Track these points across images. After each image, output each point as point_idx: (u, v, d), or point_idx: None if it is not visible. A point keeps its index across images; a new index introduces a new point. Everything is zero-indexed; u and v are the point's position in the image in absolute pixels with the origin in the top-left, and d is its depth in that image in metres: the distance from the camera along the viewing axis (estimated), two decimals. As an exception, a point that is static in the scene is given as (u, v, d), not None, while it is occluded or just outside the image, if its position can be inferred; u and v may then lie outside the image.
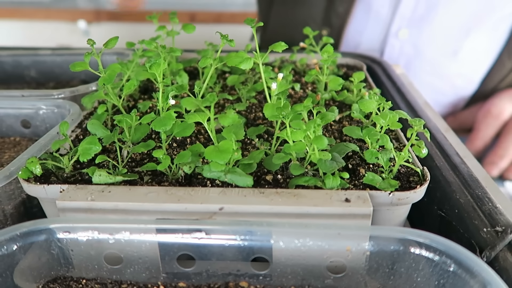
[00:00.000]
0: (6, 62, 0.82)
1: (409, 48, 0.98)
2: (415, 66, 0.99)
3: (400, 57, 0.99)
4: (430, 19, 0.94)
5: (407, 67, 0.99)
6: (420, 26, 0.95)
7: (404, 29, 0.96)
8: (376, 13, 0.97)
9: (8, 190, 0.44)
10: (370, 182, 0.40)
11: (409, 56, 0.99)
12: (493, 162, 0.88)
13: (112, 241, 0.36)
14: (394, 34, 0.97)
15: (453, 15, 0.94)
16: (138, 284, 0.38)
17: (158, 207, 0.38)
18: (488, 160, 0.89)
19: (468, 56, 0.98)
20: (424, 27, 0.95)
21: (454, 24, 0.95)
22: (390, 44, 0.99)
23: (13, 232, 0.35)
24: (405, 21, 0.96)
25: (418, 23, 0.95)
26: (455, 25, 0.95)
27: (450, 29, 0.95)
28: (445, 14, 0.93)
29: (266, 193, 0.39)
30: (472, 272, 0.32)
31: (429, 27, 0.95)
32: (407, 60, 0.99)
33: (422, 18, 0.95)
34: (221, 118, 0.44)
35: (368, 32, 1.00)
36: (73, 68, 0.47)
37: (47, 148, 0.47)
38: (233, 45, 0.47)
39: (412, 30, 0.96)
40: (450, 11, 0.93)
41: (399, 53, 0.99)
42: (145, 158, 0.47)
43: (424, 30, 0.96)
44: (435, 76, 1.00)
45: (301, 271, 0.37)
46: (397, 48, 0.99)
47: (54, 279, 0.38)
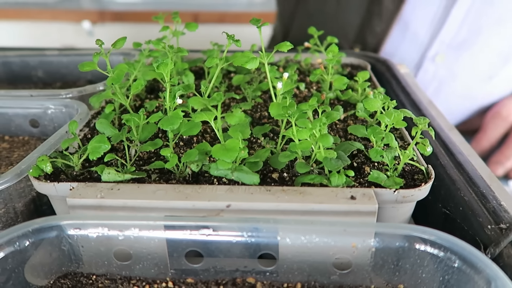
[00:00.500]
0: (13, 63, 0.83)
1: (443, 72, 0.95)
2: (446, 89, 0.97)
3: (433, 81, 0.96)
4: (470, 45, 0.91)
5: (437, 89, 0.97)
6: (458, 52, 0.92)
7: (442, 54, 0.93)
8: (414, 34, 0.93)
9: (19, 188, 0.44)
10: (375, 180, 0.41)
11: (441, 80, 0.96)
12: (499, 161, 0.88)
13: (122, 238, 0.37)
14: (431, 58, 0.94)
15: (493, 42, 0.91)
16: (147, 280, 0.38)
17: (166, 204, 0.38)
18: (494, 159, 0.89)
19: (503, 81, 0.96)
20: (462, 53, 0.92)
21: (493, 51, 0.92)
22: (425, 68, 0.95)
23: (26, 229, 0.36)
24: (444, 45, 0.92)
25: (457, 48, 0.92)
26: (494, 52, 0.92)
27: (489, 56, 0.93)
28: (485, 41, 0.91)
29: (272, 191, 0.39)
30: (477, 268, 0.32)
31: (467, 53, 0.92)
32: (439, 83, 0.97)
33: (462, 44, 0.91)
34: (228, 117, 0.45)
35: (401, 53, 0.96)
36: (82, 68, 0.48)
37: (56, 147, 0.48)
38: (239, 45, 0.48)
39: (449, 55, 0.93)
40: (491, 38, 0.90)
41: (432, 77, 0.96)
42: (153, 157, 0.47)
43: (461, 56, 0.93)
44: (465, 98, 0.98)
45: (307, 268, 0.37)
46: (431, 72, 0.96)
47: (64, 275, 0.39)
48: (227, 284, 0.38)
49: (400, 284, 0.37)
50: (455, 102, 0.99)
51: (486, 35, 0.90)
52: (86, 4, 2.32)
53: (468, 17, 0.88)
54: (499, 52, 0.92)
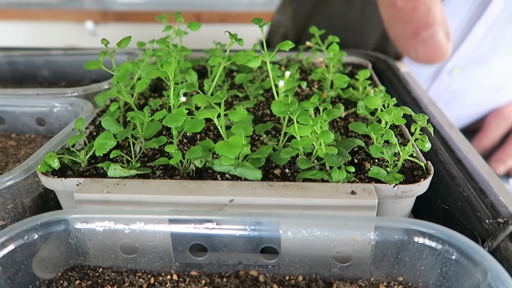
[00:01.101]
0: (19, 62, 0.85)
1: (457, 85, 0.95)
2: (458, 101, 0.97)
3: (446, 92, 0.97)
4: (487, 61, 0.92)
5: (449, 101, 0.97)
6: (475, 67, 0.93)
7: (459, 68, 0.93)
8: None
9: (27, 184, 0.45)
10: (375, 175, 0.42)
11: (454, 92, 0.96)
12: (500, 160, 0.89)
13: (127, 231, 0.38)
14: (448, 71, 0.94)
15: (508, 58, 0.91)
16: (152, 272, 0.39)
17: (171, 199, 0.39)
18: (496, 158, 0.90)
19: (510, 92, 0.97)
20: (478, 68, 0.93)
21: (506, 66, 0.93)
22: (440, 79, 0.96)
23: (34, 222, 0.37)
24: (461, 60, 0.92)
25: (474, 64, 0.92)
26: (507, 66, 0.93)
27: (502, 70, 0.93)
28: (502, 57, 0.91)
29: (274, 186, 0.40)
30: (474, 260, 0.33)
31: (483, 68, 0.93)
32: (452, 95, 0.97)
33: (480, 60, 0.92)
34: (231, 114, 0.46)
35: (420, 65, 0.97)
36: (88, 66, 0.49)
37: (63, 143, 0.49)
38: (241, 44, 0.49)
39: (466, 69, 0.93)
40: (507, 55, 0.91)
41: (446, 89, 0.97)
42: (157, 153, 0.48)
43: (478, 70, 0.93)
44: (474, 107, 0.99)
45: (309, 261, 0.38)
46: (446, 84, 0.96)
47: (72, 268, 0.40)
48: (230, 276, 0.39)
49: (399, 276, 0.38)
50: (464, 111, 0.99)
51: (504, 52, 0.90)
52: (89, 5, 2.33)
53: (489, 35, 0.87)
54: (510, 65, 0.93)
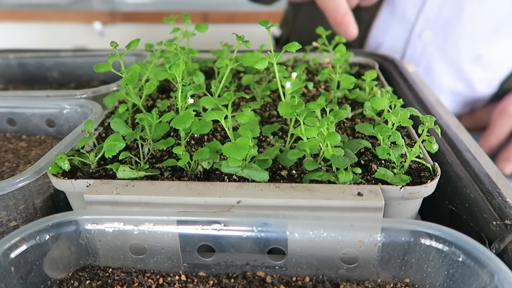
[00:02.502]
0: (29, 64, 0.86)
1: (432, 50, 0.97)
2: (436, 69, 0.99)
3: (422, 59, 0.99)
4: (455, 22, 0.93)
5: (427, 68, 0.99)
6: (444, 29, 0.95)
7: (428, 30, 0.95)
8: (401, 14, 0.96)
9: (38, 185, 0.46)
10: (382, 177, 0.42)
11: (430, 58, 0.98)
12: (507, 159, 0.88)
13: (137, 232, 0.39)
14: (417, 35, 0.96)
15: (479, 20, 0.93)
16: (160, 273, 0.40)
17: (179, 200, 0.40)
18: (502, 157, 0.89)
19: (491, 61, 0.97)
20: (448, 31, 0.95)
21: (479, 30, 0.94)
22: (412, 44, 0.98)
23: (46, 223, 0.37)
24: (429, 23, 0.95)
25: (443, 26, 0.94)
26: (480, 31, 0.94)
27: (475, 35, 0.94)
28: (470, 19, 0.92)
29: (281, 187, 0.40)
30: (481, 262, 0.33)
31: (453, 31, 0.94)
32: (428, 61, 0.99)
33: (447, 22, 0.94)
34: (238, 116, 0.46)
35: (391, 33, 0.99)
36: (97, 69, 0.49)
37: (73, 145, 0.50)
38: (248, 46, 0.49)
39: (436, 32, 0.95)
40: (476, 16, 0.92)
41: (421, 55, 0.98)
42: (165, 155, 0.49)
43: (448, 34, 0.95)
44: (456, 79, 1.00)
45: (316, 262, 0.39)
46: (419, 49, 0.98)
47: (82, 268, 0.40)
48: (237, 277, 0.39)
49: (406, 278, 0.38)
50: (446, 82, 1.00)
51: (469, 15, 0.92)
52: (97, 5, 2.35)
53: None
54: (484, 31, 0.94)
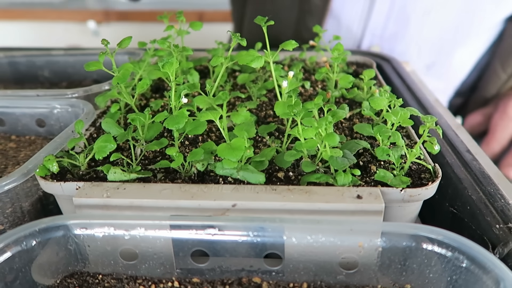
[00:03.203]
0: (20, 63, 0.84)
1: None
2: None
3: None
4: (402, 36, 0.95)
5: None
6: (391, 43, 0.96)
7: (376, 45, 0.96)
8: (347, 28, 0.97)
9: (26, 188, 0.45)
10: (382, 178, 0.40)
11: None
12: (511, 164, 0.87)
13: (128, 237, 0.37)
14: (366, 49, 0.97)
15: (423, 33, 0.94)
16: (153, 279, 0.38)
17: (172, 203, 0.38)
18: (506, 162, 0.87)
19: (443, 70, 0.99)
20: (396, 44, 0.96)
21: (425, 42, 0.95)
22: None
23: (32, 228, 0.36)
24: (376, 38, 0.96)
25: (390, 40, 0.95)
26: (427, 42, 0.95)
27: (423, 46, 0.96)
28: (416, 32, 0.94)
29: (278, 190, 0.39)
30: (485, 268, 0.32)
31: (401, 44, 0.95)
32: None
33: (394, 36, 0.95)
34: (233, 116, 0.45)
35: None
36: (88, 67, 0.48)
37: (62, 146, 0.48)
38: (244, 44, 0.48)
39: (384, 46, 0.96)
40: (420, 29, 0.93)
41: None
42: (158, 156, 0.47)
43: (396, 46, 0.96)
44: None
45: (314, 267, 0.37)
46: None
47: (71, 274, 0.39)
48: (233, 283, 0.38)
49: (407, 284, 0.37)
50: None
51: (415, 26, 0.93)
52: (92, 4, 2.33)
53: (394, 9, 0.91)
54: (430, 41, 0.95)
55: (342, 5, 0.94)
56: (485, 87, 1.00)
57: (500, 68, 0.95)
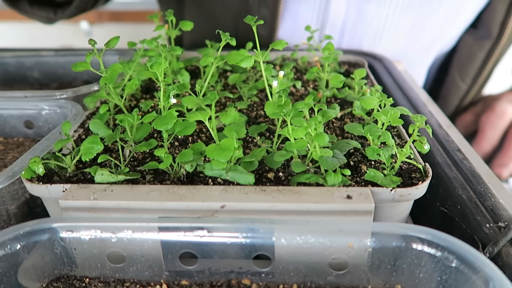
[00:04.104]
0: (9, 63, 0.83)
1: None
2: None
3: None
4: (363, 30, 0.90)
5: None
6: (351, 37, 0.91)
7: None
8: (303, 23, 0.90)
9: (12, 190, 0.44)
10: (372, 178, 0.40)
11: None
12: (503, 164, 0.86)
13: (115, 240, 0.37)
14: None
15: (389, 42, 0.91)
16: (141, 282, 0.38)
17: (160, 205, 0.38)
18: (497, 162, 0.87)
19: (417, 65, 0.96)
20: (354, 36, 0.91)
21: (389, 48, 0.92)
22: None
23: (17, 232, 0.35)
24: (337, 30, 0.91)
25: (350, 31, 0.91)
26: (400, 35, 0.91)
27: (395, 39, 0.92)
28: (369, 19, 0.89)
29: (267, 191, 0.39)
30: (475, 267, 0.32)
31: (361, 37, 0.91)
32: None
33: (353, 27, 0.90)
34: (222, 116, 0.44)
35: (298, 40, 0.91)
36: (75, 68, 0.47)
37: (50, 148, 0.47)
38: (233, 44, 0.47)
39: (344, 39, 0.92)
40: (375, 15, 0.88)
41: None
42: (147, 157, 0.47)
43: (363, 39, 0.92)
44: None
45: (303, 268, 0.37)
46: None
47: (57, 278, 0.38)
48: (222, 286, 0.37)
49: (397, 284, 0.37)
50: None
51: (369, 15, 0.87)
52: (84, 4, 2.31)
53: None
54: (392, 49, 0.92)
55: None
56: (447, 97, 1.00)
57: (459, 79, 0.95)
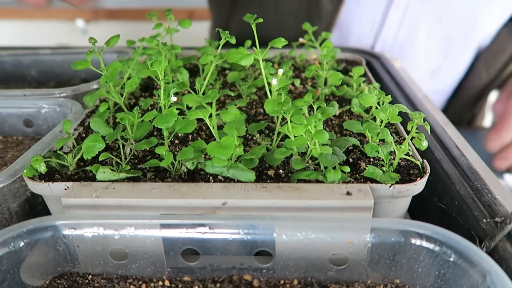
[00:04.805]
0: (6, 62, 0.83)
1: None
2: None
3: None
4: (412, 43, 0.95)
5: None
6: (402, 50, 0.96)
7: (387, 52, 0.96)
8: (358, 38, 0.96)
9: (13, 189, 0.44)
10: (371, 175, 0.41)
11: None
12: (505, 158, 0.83)
13: (117, 237, 0.37)
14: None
15: (432, 39, 0.95)
16: (143, 278, 0.38)
17: (162, 202, 0.38)
18: (501, 155, 0.83)
19: (447, 74, 1.00)
20: (405, 51, 0.96)
21: (433, 47, 0.96)
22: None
23: (20, 229, 0.35)
24: (387, 45, 0.96)
25: (400, 48, 0.96)
26: (435, 48, 0.96)
27: (431, 51, 0.97)
28: (425, 39, 0.95)
29: (268, 188, 0.39)
30: (472, 262, 0.32)
31: (410, 51, 0.96)
32: None
33: (404, 43, 0.96)
34: (223, 114, 0.44)
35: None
36: (75, 66, 0.47)
37: (50, 146, 0.47)
38: (233, 42, 0.48)
39: (394, 53, 0.97)
40: (430, 36, 0.94)
41: None
42: (148, 155, 0.47)
43: (405, 53, 0.97)
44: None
45: (304, 264, 0.37)
46: None
47: (60, 275, 0.38)
48: (223, 281, 0.38)
49: (396, 278, 0.37)
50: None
51: (425, 34, 0.94)
52: (80, 2, 2.30)
53: (406, 17, 0.92)
54: (439, 47, 0.96)
55: (354, 14, 0.92)
56: (467, 88, 1.01)
57: (483, 71, 0.96)
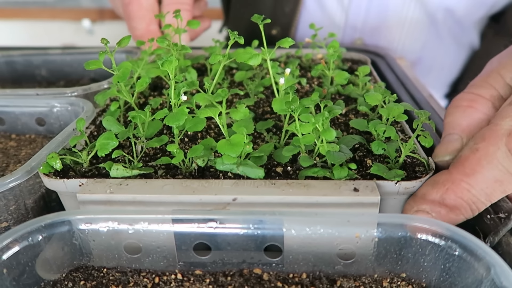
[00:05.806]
0: (17, 62, 0.84)
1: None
2: None
3: None
4: (383, 30, 0.95)
5: None
6: (374, 38, 0.96)
7: (359, 38, 0.96)
8: (329, 19, 0.96)
9: (29, 185, 0.45)
10: (377, 172, 0.42)
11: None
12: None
13: (131, 231, 0.38)
14: (349, 43, 0.97)
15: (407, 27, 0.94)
16: (156, 272, 0.39)
17: (174, 198, 0.39)
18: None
19: (429, 66, 0.98)
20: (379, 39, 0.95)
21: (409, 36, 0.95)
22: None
23: (38, 224, 0.37)
24: (357, 31, 0.96)
25: (372, 34, 0.95)
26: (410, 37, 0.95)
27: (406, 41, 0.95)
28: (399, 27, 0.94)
29: (277, 184, 0.40)
30: (477, 255, 0.33)
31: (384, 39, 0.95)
32: None
33: (375, 30, 0.95)
34: (232, 113, 0.46)
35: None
36: (88, 66, 0.49)
37: (64, 144, 0.49)
38: (241, 42, 0.49)
39: (367, 41, 0.96)
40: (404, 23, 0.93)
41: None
42: (158, 153, 0.48)
43: (379, 42, 0.96)
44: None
45: (312, 258, 0.39)
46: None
47: (76, 269, 0.40)
48: (234, 275, 0.39)
49: (402, 272, 0.38)
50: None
51: (397, 21, 0.92)
52: (86, 3, 2.32)
53: (372, 2, 0.91)
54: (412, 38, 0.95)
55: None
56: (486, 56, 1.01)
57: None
